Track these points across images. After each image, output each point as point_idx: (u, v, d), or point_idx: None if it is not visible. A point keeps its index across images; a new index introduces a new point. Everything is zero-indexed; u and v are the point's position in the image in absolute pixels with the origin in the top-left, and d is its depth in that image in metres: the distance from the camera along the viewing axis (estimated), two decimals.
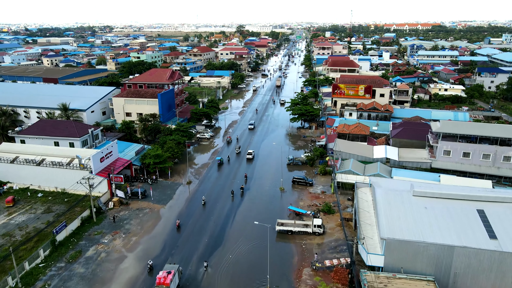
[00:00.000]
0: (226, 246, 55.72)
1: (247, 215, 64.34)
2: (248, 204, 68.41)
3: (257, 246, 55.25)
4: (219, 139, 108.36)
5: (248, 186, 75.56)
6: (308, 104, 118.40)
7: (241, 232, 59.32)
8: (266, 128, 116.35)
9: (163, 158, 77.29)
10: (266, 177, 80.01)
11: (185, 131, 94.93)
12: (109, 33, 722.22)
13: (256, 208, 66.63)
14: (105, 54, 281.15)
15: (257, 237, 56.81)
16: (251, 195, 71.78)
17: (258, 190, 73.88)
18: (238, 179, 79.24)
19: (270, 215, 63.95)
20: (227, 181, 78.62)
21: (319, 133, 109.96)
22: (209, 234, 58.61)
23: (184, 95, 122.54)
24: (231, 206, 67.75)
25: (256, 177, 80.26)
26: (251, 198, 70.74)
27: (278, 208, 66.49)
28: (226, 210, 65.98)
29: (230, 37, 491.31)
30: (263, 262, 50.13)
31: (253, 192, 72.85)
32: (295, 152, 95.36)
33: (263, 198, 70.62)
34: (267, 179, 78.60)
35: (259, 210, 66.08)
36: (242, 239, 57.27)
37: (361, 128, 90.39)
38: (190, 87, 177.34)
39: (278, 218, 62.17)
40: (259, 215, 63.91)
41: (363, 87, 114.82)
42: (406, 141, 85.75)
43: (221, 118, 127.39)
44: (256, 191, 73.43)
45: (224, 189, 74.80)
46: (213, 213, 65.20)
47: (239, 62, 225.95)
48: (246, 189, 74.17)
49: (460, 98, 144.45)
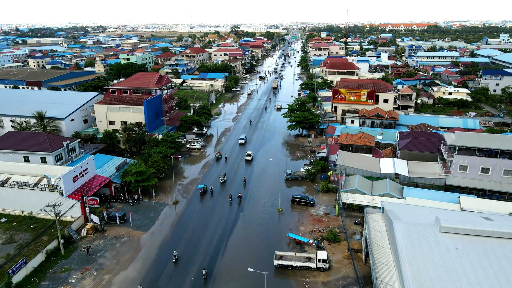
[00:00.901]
0: (216, 286, 47.45)
1: (239, 247, 55.86)
2: (242, 230, 60.06)
3: (251, 283, 47.08)
4: (211, 148, 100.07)
5: (242, 207, 67.31)
6: (306, 110, 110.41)
7: (233, 268, 51.07)
8: (262, 137, 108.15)
9: (146, 175, 68.86)
10: (262, 195, 71.76)
11: (173, 141, 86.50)
12: (102, 33, 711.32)
13: (251, 236, 58.35)
14: (95, 55, 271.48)
15: (252, 272, 48.50)
16: (245, 219, 63.46)
17: (254, 212, 65.60)
18: (231, 199, 70.96)
19: (267, 244, 55.76)
20: (218, 199, 70.34)
21: (318, 142, 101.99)
22: (196, 272, 50.17)
23: (174, 101, 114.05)
24: (222, 232, 59.43)
25: (251, 195, 71.97)
26: (246, 222, 62.45)
27: (276, 235, 58.30)
28: (217, 239, 57.64)
29: (225, 38, 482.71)
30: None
31: (248, 215, 64.56)
32: (294, 164, 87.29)
33: (259, 222, 62.34)
34: (263, 199, 70.35)
35: (254, 238, 57.82)
36: (234, 276, 49.05)
37: (365, 139, 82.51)
38: (181, 91, 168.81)
39: (276, 247, 54.18)
40: (254, 246, 55.68)
41: (366, 92, 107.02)
42: (415, 154, 77.96)
43: (214, 124, 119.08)
44: (251, 213, 65.12)
45: (214, 210, 66.50)
46: (202, 241, 56.88)
47: (233, 64, 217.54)
48: (240, 210, 65.98)
49: (466, 102, 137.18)
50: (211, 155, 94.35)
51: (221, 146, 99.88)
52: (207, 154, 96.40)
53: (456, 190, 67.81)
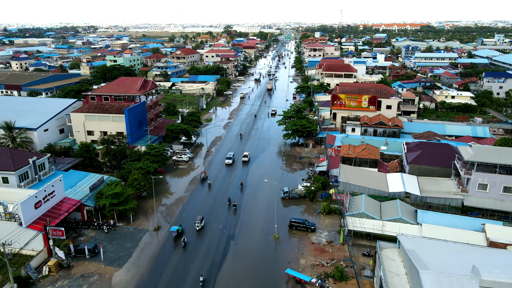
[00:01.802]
0: None
1: (229, 286, 47.69)
2: (233, 265, 51.70)
3: None
4: (200, 159, 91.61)
5: (233, 234, 58.96)
6: (303, 117, 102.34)
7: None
8: (255, 147, 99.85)
9: (123, 197, 60.23)
10: (256, 218, 63.48)
11: (157, 154, 77.86)
12: (92, 33, 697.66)
13: (243, 272, 50.04)
14: (82, 56, 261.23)
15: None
16: (237, 249, 55.13)
17: (247, 240, 57.21)
18: (220, 221, 62.70)
19: (261, 282, 47.52)
20: (208, 222, 61.98)
21: (317, 153, 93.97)
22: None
23: (160, 107, 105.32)
24: (210, 268, 51.04)
25: (244, 220, 63.67)
26: (237, 252, 54.16)
27: (272, 271, 50.02)
28: (204, 277, 49.22)
29: (217, 38, 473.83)
30: None
31: (240, 244, 56.19)
32: (291, 178, 79.18)
33: (253, 253, 54.05)
34: (258, 222, 62.07)
35: (246, 275, 49.50)
36: None
37: (370, 151, 74.61)
38: (170, 95, 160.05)
39: (273, 286, 45.99)
40: (246, 286, 47.45)
41: (367, 98, 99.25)
42: (426, 168, 70.22)
43: (204, 131, 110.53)
44: (244, 242, 56.75)
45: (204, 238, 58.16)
46: (186, 280, 48.49)
47: (226, 66, 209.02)
48: (230, 238, 57.68)
49: (470, 106, 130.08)
50: (200, 167, 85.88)
51: (211, 158, 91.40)
52: (196, 165, 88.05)
53: (475, 212, 60.24)
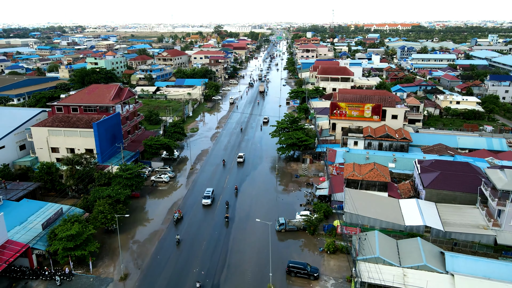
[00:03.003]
0: None
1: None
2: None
3: None
4: (183, 178, 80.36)
5: (217, 281, 47.94)
6: (299, 128, 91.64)
7: None
8: (246, 162, 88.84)
9: (83, 238, 48.79)
10: (246, 260, 52.56)
11: (131, 177, 66.40)
12: (80, 33, 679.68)
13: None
14: (63, 58, 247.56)
15: None
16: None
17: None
18: (204, 265, 51.66)
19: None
20: (186, 266, 50.89)
21: (315, 170, 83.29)
22: None
23: (139, 118, 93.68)
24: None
25: (232, 261, 52.69)
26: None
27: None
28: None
29: (208, 38, 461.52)
30: None
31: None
32: (287, 202, 68.41)
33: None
34: (249, 266, 51.10)
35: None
36: None
37: (378, 173, 64.09)
38: (155, 100, 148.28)
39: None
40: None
41: (370, 107, 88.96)
42: (446, 194, 59.95)
43: (189, 144, 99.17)
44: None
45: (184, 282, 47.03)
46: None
47: (215, 68, 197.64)
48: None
49: (478, 113, 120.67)
50: (181, 191, 74.58)
51: (195, 177, 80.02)
52: (179, 184, 76.97)
53: (509, 252, 50.07)
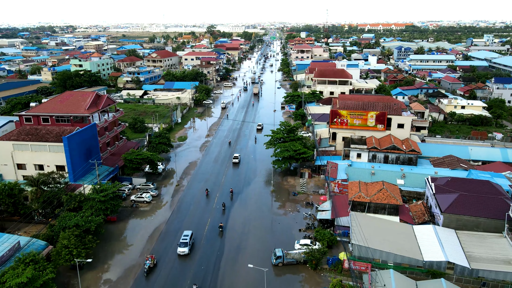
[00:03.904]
0: None
1: None
2: None
3: None
4: (167, 197, 71.88)
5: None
6: (296, 138, 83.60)
7: None
8: (238, 176, 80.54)
9: (37, 284, 40.21)
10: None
11: (106, 200, 57.83)
12: (70, 33, 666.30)
13: None
14: (48, 59, 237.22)
15: None
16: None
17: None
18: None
19: None
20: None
21: (315, 186, 75.30)
22: None
23: (119, 128, 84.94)
24: None
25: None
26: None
27: None
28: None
29: (200, 38, 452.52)
30: None
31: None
32: (284, 226, 60.36)
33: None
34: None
35: None
36: None
37: (388, 194, 56.21)
38: (142, 105, 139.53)
39: None
40: None
41: (374, 115, 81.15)
42: (467, 219, 52.25)
43: (176, 155, 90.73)
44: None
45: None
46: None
47: (206, 70, 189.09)
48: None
49: (485, 119, 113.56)
50: (165, 213, 66.15)
51: (181, 197, 71.56)
52: (162, 204, 68.68)
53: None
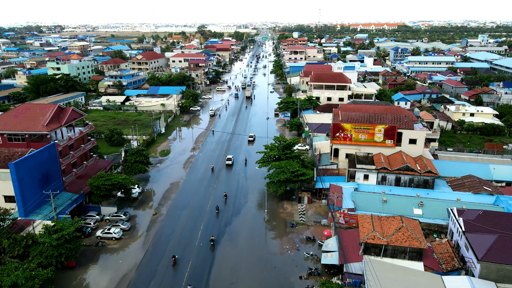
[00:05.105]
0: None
1: None
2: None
3: None
4: (141, 230, 60.51)
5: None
6: (293, 155, 72.79)
7: None
8: (227, 204, 69.48)
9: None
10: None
11: (60, 244, 46.37)
12: (58, 33, 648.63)
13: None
14: (26, 61, 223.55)
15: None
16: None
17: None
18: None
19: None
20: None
21: (315, 214, 64.55)
22: None
23: (89, 145, 73.28)
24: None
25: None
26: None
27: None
28: None
29: (191, 38, 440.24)
30: None
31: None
32: (281, 272, 49.52)
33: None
34: None
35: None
36: None
37: (409, 234, 45.58)
38: (123, 113, 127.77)
39: None
40: None
41: (382, 129, 70.63)
42: (508, 269, 41.91)
43: (156, 175, 79.46)
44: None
45: None
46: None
47: (195, 73, 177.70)
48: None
49: (498, 128, 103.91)
50: (138, 249, 54.89)
51: (158, 230, 60.06)
52: (135, 241, 57.41)
53: None
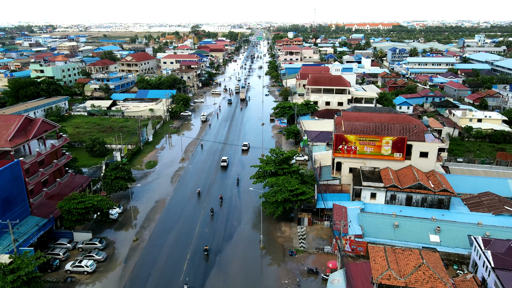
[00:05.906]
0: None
1: None
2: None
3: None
4: (121, 258, 52.95)
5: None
6: (292, 170, 65.58)
7: None
8: (219, 225, 62.02)
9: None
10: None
11: (17, 286, 38.80)
12: (49, 33, 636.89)
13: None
14: (10, 63, 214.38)
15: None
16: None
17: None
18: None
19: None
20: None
21: (317, 238, 57.39)
22: None
23: (63, 159, 65.47)
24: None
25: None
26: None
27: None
28: None
29: (184, 38, 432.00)
30: None
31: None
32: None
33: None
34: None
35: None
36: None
37: (431, 273, 38.45)
38: (108, 118, 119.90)
39: None
40: None
41: (390, 141, 63.67)
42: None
43: (141, 189, 71.92)
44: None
45: None
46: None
47: (186, 75, 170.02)
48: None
49: (508, 135, 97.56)
50: (114, 285, 47.36)
51: (138, 260, 52.41)
52: (112, 272, 49.83)
53: None
